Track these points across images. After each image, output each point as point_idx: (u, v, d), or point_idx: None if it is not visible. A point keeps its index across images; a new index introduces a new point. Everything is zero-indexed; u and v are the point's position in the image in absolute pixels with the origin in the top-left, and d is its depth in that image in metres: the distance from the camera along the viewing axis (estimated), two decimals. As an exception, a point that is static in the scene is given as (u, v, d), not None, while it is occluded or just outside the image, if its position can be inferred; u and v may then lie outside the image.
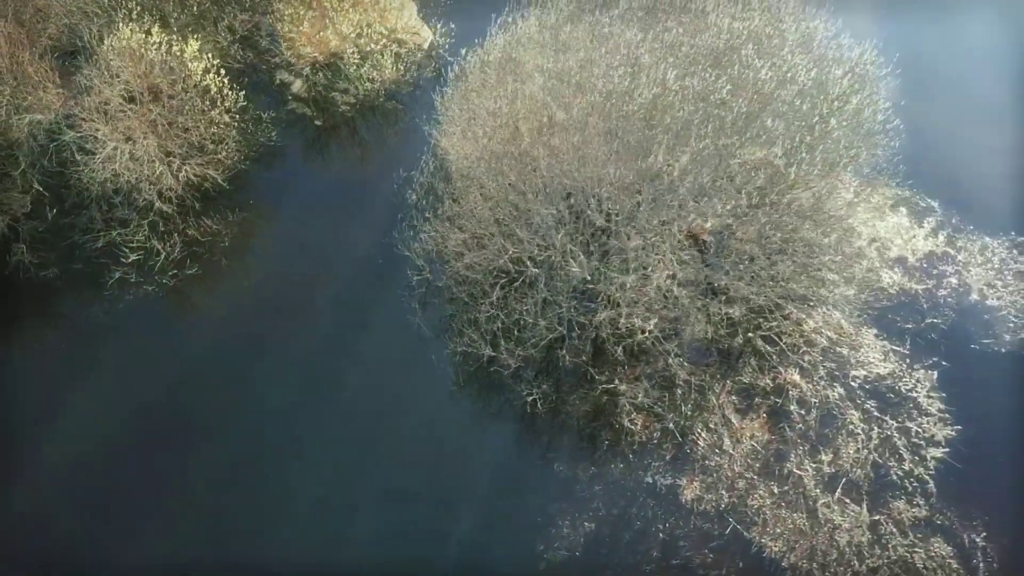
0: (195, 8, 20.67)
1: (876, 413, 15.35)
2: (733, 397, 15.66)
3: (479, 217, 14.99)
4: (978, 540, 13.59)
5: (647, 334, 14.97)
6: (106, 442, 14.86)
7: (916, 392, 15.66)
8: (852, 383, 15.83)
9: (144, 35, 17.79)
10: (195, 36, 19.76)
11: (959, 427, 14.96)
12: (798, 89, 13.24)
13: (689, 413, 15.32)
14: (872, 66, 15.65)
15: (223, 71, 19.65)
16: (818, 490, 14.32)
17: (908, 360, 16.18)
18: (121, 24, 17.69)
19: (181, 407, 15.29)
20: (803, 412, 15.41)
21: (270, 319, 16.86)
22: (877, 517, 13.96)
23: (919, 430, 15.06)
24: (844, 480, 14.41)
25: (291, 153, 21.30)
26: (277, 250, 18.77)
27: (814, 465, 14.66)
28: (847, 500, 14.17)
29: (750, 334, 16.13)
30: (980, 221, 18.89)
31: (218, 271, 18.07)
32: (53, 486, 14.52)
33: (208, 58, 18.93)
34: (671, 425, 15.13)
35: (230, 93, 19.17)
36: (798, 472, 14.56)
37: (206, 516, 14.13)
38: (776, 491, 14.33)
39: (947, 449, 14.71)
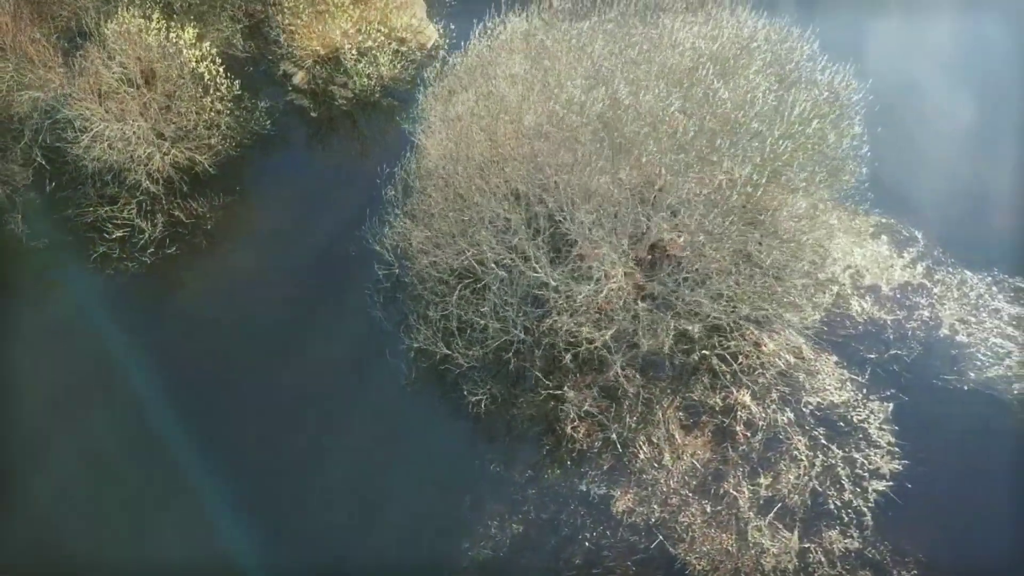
0: (199, -3, 21.43)
1: (823, 441, 15.20)
2: (680, 413, 15.65)
3: (438, 216, 15.26)
4: (907, 577, 13.41)
5: (595, 344, 15.07)
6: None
7: (868, 423, 15.45)
8: (803, 409, 15.69)
9: (143, 20, 18.47)
10: (198, 24, 20.45)
11: (907, 462, 14.73)
12: (756, 111, 13.19)
13: (633, 425, 15.36)
14: (845, 90, 15.45)
15: (223, 59, 20.30)
16: (751, 512, 14.24)
17: (865, 390, 15.96)
18: (121, 9, 18.39)
19: (126, 379, 15.93)
20: (749, 434, 15.33)
21: (235, 303, 17.42)
22: (807, 545, 13.83)
23: (865, 461, 14.86)
24: (779, 505, 14.30)
25: (283, 143, 21.86)
26: (257, 236, 19.35)
27: (751, 487, 14.58)
28: (779, 525, 14.06)
29: (705, 351, 16.08)
30: (963, 255, 18.54)
31: (197, 252, 18.70)
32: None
33: (206, 47, 19.54)
34: (614, 436, 15.19)
35: (224, 81, 19.76)
36: (734, 493, 14.50)
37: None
38: (709, 510, 14.30)
39: (890, 483, 14.50)
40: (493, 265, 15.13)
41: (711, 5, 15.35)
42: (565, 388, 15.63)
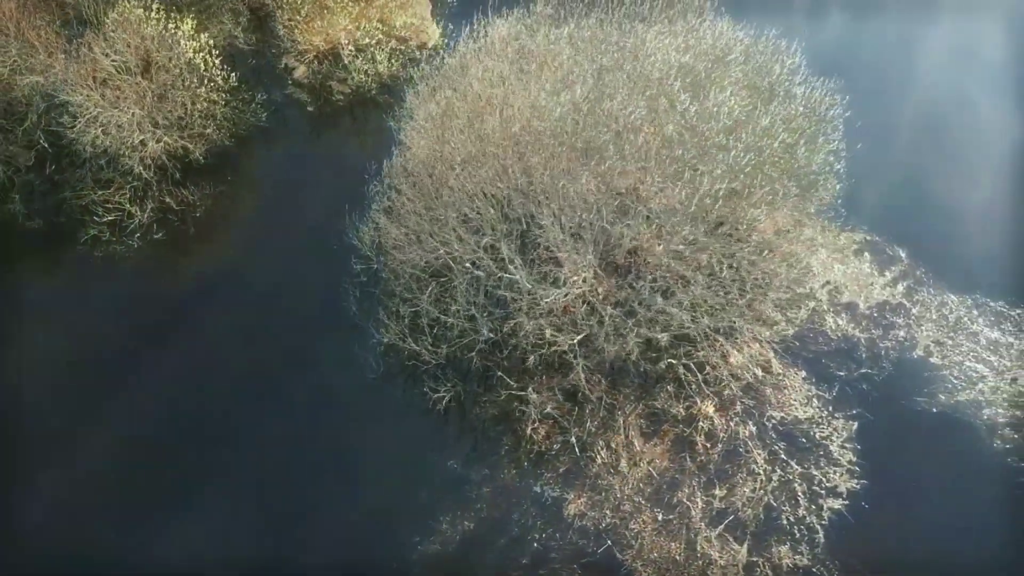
0: (204, -11, 21.91)
1: (783, 456, 15.16)
2: (642, 420, 15.70)
3: (410, 213, 15.49)
4: (853, 597, 13.35)
5: (558, 347, 15.19)
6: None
7: (830, 440, 15.38)
8: (766, 422, 15.65)
9: (143, 10, 18.96)
10: (200, 16, 20.91)
11: (865, 481, 14.64)
12: (721, 124, 13.21)
13: (593, 430, 15.44)
14: (823, 104, 15.41)
15: (228, 52, 20.82)
16: (703, 523, 14.26)
17: (831, 407, 15.88)
18: (121, -1, 18.96)
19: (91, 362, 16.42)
20: (708, 445, 15.33)
21: (211, 289, 17.79)
22: (756, 559, 13.82)
23: (823, 478, 14.80)
24: (732, 517, 14.30)
25: (279, 135, 22.24)
26: (243, 225, 19.76)
27: (705, 498, 14.59)
28: (729, 537, 14.06)
29: (672, 360, 16.09)
30: (947, 276, 18.34)
31: (183, 238, 19.17)
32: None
33: (203, 38, 19.98)
34: (573, 439, 15.29)
35: (220, 73, 20.18)
36: (687, 503, 14.53)
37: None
38: (660, 518, 14.35)
39: (846, 502, 14.43)
40: (468, 264, 15.33)
41: (690, 16, 15.38)
42: (529, 390, 15.75)
